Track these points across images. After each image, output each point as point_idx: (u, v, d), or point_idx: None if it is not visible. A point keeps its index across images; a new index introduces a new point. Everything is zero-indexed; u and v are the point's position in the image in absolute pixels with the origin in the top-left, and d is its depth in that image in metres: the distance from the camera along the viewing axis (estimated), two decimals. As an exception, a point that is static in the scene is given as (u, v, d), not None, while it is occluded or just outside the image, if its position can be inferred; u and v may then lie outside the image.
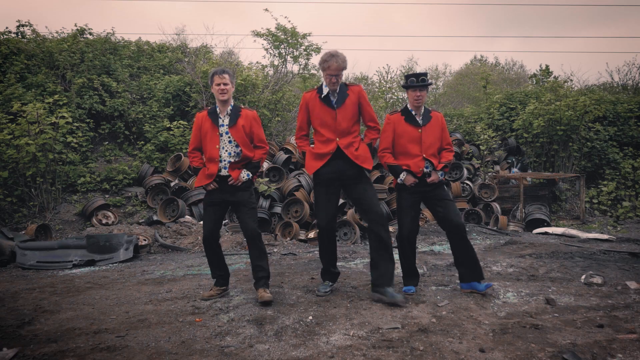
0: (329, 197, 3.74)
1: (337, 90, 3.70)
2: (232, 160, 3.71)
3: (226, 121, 3.73)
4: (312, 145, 3.81)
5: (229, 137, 3.71)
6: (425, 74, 3.85)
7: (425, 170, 3.79)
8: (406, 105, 3.89)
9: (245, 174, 3.74)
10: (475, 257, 3.76)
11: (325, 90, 3.70)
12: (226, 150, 3.71)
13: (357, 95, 3.74)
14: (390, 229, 7.26)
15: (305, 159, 3.83)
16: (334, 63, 3.57)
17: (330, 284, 3.95)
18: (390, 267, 3.60)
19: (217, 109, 3.75)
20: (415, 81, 3.78)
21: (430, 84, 3.77)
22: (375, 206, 3.67)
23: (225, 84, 3.67)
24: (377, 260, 3.64)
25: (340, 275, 4.54)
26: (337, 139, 3.66)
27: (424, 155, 3.79)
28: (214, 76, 3.70)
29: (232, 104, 3.78)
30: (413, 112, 3.83)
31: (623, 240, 6.66)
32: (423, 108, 3.87)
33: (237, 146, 3.72)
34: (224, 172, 3.71)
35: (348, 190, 3.76)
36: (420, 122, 3.82)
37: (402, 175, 3.78)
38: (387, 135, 3.86)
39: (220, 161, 3.70)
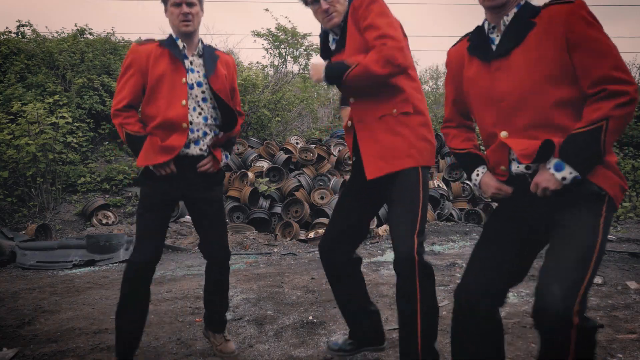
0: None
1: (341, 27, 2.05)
2: (209, 130, 2.28)
3: (198, 65, 2.24)
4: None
5: (204, 92, 2.24)
6: None
7: (516, 168, 1.58)
8: (484, 22, 1.67)
9: (224, 156, 2.39)
10: None
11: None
12: (200, 113, 2.24)
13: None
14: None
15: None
16: None
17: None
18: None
19: (180, 43, 2.22)
20: None
21: None
22: None
23: (190, 4, 2.14)
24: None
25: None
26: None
27: (503, 132, 1.57)
28: None
29: (201, 39, 2.30)
30: (487, 28, 1.64)
31: (623, 240, 6.65)
32: (514, 13, 1.55)
33: (214, 108, 2.29)
34: (194, 150, 2.24)
35: None
36: (494, 47, 1.60)
37: (476, 176, 1.74)
38: (447, 93, 1.89)
39: (191, 130, 2.21)
